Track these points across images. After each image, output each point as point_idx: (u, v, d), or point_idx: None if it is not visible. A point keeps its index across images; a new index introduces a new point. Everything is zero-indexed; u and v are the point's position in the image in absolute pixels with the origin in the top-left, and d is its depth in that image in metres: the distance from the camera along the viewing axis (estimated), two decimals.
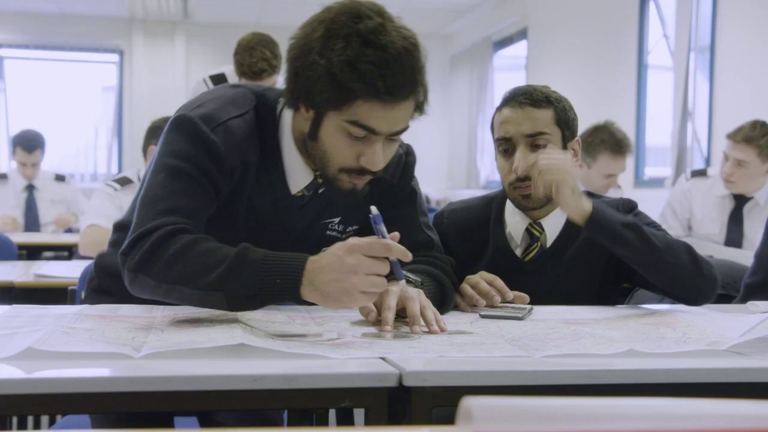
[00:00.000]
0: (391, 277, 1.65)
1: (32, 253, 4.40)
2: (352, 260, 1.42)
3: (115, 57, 10.36)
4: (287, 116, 1.69)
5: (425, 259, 1.83)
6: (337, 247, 1.46)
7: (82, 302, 1.97)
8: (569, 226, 2.04)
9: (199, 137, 1.61)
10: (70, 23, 9.97)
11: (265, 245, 1.51)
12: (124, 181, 3.66)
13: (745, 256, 3.25)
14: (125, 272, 1.55)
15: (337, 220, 1.81)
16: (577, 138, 2.07)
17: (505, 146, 2.00)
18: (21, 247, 4.24)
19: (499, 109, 2.04)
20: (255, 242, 1.51)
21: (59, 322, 1.48)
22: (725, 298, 2.59)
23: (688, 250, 1.89)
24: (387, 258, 1.45)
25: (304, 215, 1.76)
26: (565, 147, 2.01)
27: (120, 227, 1.86)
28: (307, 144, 1.65)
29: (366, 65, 1.50)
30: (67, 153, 10.32)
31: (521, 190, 1.99)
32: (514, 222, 2.07)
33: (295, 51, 1.59)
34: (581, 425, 0.69)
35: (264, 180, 1.70)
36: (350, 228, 1.83)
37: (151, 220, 1.55)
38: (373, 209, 1.48)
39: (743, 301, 2.34)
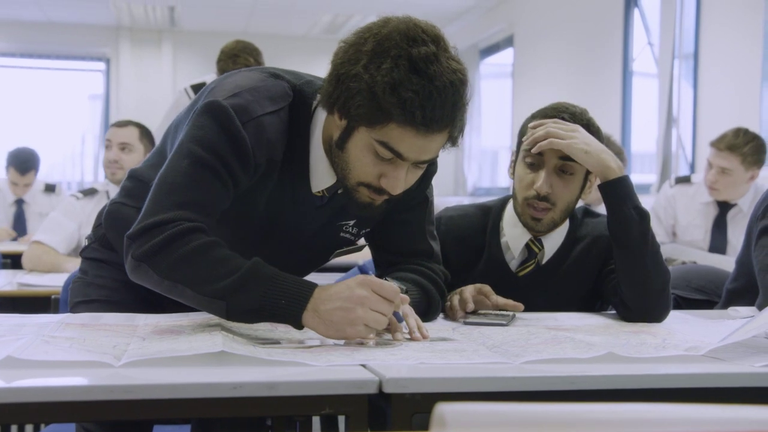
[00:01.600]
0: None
1: (17, 262, 4.38)
2: (362, 292, 1.44)
3: (101, 65, 10.35)
4: (321, 115, 1.67)
5: (417, 268, 1.83)
6: (349, 280, 1.48)
7: (83, 255, 1.94)
8: (565, 244, 2.05)
9: (230, 130, 1.57)
10: (56, 31, 9.95)
11: (279, 241, 1.52)
12: (89, 192, 3.59)
13: (728, 263, 3.26)
14: (129, 258, 1.55)
15: (352, 222, 1.80)
16: None
17: (534, 160, 1.96)
18: (5, 255, 4.23)
19: (536, 118, 2.01)
20: (269, 237, 1.52)
21: (40, 330, 1.47)
22: (707, 304, 2.61)
23: (667, 278, 1.90)
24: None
25: (321, 215, 1.75)
26: (586, 176, 2.00)
27: (135, 177, 1.84)
28: (333, 151, 1.64)
29: (409, 93, 1.48)
30: (54, 161, 10.29)
31: (534, 211, 1.97)
32: (514, 234, 2.06)
33: (341, 57, 1.56)
34: (555, 431, 0.70)
35: (287, 176, 1.68)
36: (364, 231, 1.84)
37: (166, 211, 1.53)
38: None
39: (725, 306, 2.36)
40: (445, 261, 2.08)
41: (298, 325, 1.48)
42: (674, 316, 1.94)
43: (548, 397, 1.25)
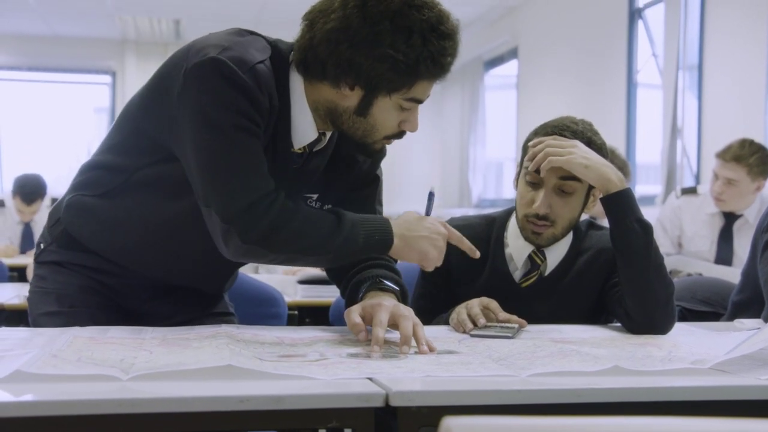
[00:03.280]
0: (376, 287, 1.73)
1: (24, 275, 4.39)
2: (444, 230, 1.74)
3: (107, 78, 10.38)
4: (295, 75, 1.69)
5: (384, 263, 1.84)
6: (419, 215, 1.78)
7: (38, 260, 1.89)
8: (569, 256, 2.06)
9: (237, 82, 1.58)
10: (62, 45, 9.99)
11: None
12: None
13: (734, 274, 3.26)
14: (236, 242, 1.61)
15: (315, 196, 1.83)
16: None
17: (534, 179, 1.98)
18: (12, 269, 4.24)
19: (538, 135, 2.01)
20: None
21: (48, 344, 1.48)
22: (713, 316, 2.61)
23: (671, 290, 1.90)
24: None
25: (293, 179, 1.76)
26: (589, 191, 2.01)
27: (90, 168, 1.84)
28: (348, 119, 1.68)
29: (447, 58, 1.63)
30: (60, 174, 10.31)
31: (535, 227, 1.99)
32: (518, 246, 2.07)
33: (344, 40, 1.59)
34: None
35: (272, 133, 1.70)
36: (326, 206, 1.85)
37: (251, 188, 1.61)
38: (433, 189, 1.86)
39: (731, 318, 2.36)
40: (449, 271, 2.09)
41: (386, 252, 1.72)
42: (679, 328, 1.94)
43: (555, 410, 1.25)
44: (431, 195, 1.84)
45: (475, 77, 9.54)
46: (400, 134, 1.73)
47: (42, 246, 1.90)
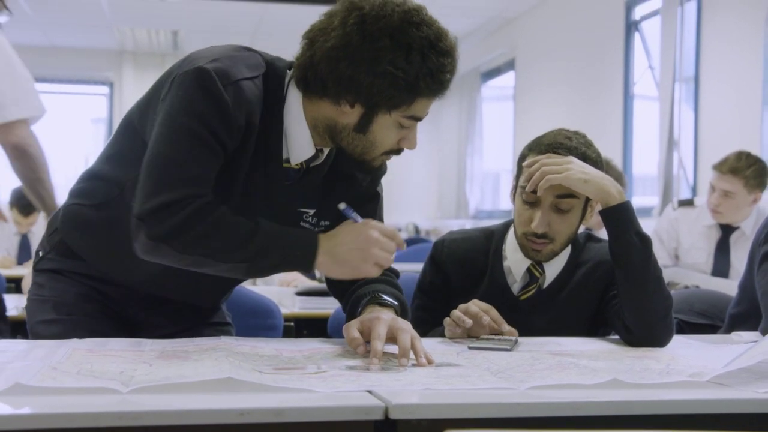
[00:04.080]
0: (375, 301, 1.71)
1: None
2: (373, 234, 1.62)
3: (105, 89, 10.40)
4: (294, 92, 1.71)
5: (385, 278, 1.83)
6: (351, 224, 1.66)
7: (37, 268, 1.91)
8: (567, 268, 2.07)
9: (213, 93, 1.60)
10: (60, 55, 10.01)
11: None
12: None
13: (731, 287, 3.27)
14: (143, 238, 1.60)
15: (312, 212, 1.82)
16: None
17: (530, 198, 1.97)
18: (9, 280, 4.23)
19: (532, 151, 2.01)
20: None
21: (48, 356, 1.48)
22: (710, 329, 2.61)
23: (670, 303, 1.90)
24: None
25: (287, 195, 1.77)
26: (586, 204, 2.01)
27: (90, 177, 1.85)
28: (347, 135, 1.69)
29: (446, 75, 1.64)
30: (58, 184, 10.30)
31: (534, 245, 2.00)
32: (516, 259, 2.08)
33: (344, 57, 1.60)
34: None
35: (261, 149, 1.71)
36: (323, 222, 1.84)
37: (173, 189, 1.58)
38: (341, 205, 1.70)
39: (728, 331, 2.36)
40: (448, 283, 2.09)
41: (311, 269, 1.65)
42: (677, 340, 1.95)
43: (553, 423, 1.25)
44: (345, 210, 1.71)
45: (473, 88, 9.57)
46: (398, 151, 1.73)
47: (41, 254, 1.92)
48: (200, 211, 1.59)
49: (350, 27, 1.60)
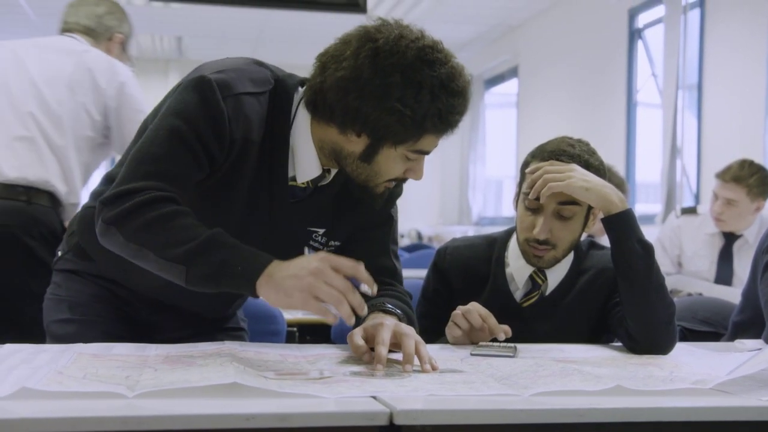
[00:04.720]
0: (374, 307, 1.70)
1: None
2: (317, 265, 1.48)
3: None
4: (303, 111, 1.71)
5: (394, 293, 1.83)
6: (310, 255, 1.58)
7: (56, 267, 1.95)
8: (570, 275, 2.07)
9: (210, 102, 1.61)
10: None
11: (248, 242, 1.56)
12: None
13: (734, 294, 3.27)
14: (99, 221, 1.59)
15: (321, 231, 1.82)
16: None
17: (533, 205, 1.98)
18: None
19: (535, 158, 2.02)
20: (242, 237, 1.56)
21: (54, 361, 1.49)
22: (713, 336, 2.61)
23: (672, 311, 1.91)
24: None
25: (294, 214, 1.77)
26: (588, 211, 2.02)
27: (110, 179, 1.85)
28: (352, 162, 1.68)
29: (455, 116, 1.63)
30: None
31: (536, 251, 2.01)
32: (518, 266, 2.08)
33: (353, 89, 1.60)
34: None
35: (265, 166, 1.71)
36: (333, 242, 1.84)
37: (139, 179, 1.58)
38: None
39: (731, 339, 2.36)
40: (450, 290, 2.10)
41: (253, 291, 1.50)
42: (680, 348, 1.95)
43: (557, 429, 1.25)
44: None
45: (476, 96, 9.58)
46: (403, 180, 1.73)
47: (59, 254, 1.96)
48: (153, 201, 1.56)
49: (362, 60, 1.59)
